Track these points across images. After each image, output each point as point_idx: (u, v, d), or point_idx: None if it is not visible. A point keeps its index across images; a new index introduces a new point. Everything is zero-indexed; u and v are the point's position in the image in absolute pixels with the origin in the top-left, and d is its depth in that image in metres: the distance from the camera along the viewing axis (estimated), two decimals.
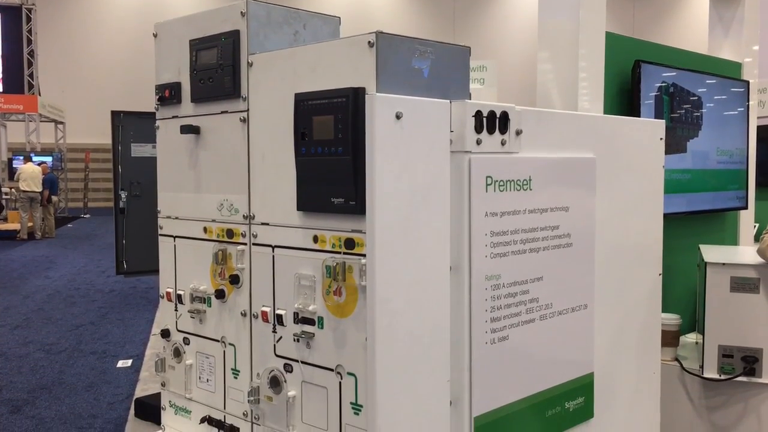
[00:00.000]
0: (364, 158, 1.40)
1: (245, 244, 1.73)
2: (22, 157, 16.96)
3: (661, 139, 2.16)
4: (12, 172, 17.58)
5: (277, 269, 1.66)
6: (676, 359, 2.62)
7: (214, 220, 1.81)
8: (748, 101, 3.20)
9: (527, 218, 1.69)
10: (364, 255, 1.45)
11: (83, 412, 5.25)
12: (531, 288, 1.72)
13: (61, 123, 21.60)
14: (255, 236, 1.71)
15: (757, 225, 3.53)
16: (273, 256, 1.66)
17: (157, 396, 2.02)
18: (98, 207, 22.29)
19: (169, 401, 1.97)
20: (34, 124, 19.82)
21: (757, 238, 3.35)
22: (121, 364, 6.50)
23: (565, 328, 1.83)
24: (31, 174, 15.81)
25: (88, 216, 21.17)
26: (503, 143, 1.62)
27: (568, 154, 1.81)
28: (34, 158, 17.58)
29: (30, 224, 16.05)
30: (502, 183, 1.62)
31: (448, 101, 1.52)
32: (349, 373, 1.51)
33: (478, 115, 1.55)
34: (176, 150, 1.91)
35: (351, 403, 1.51)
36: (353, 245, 1.49)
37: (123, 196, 5.48)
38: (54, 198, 17.17)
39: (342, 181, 1.47)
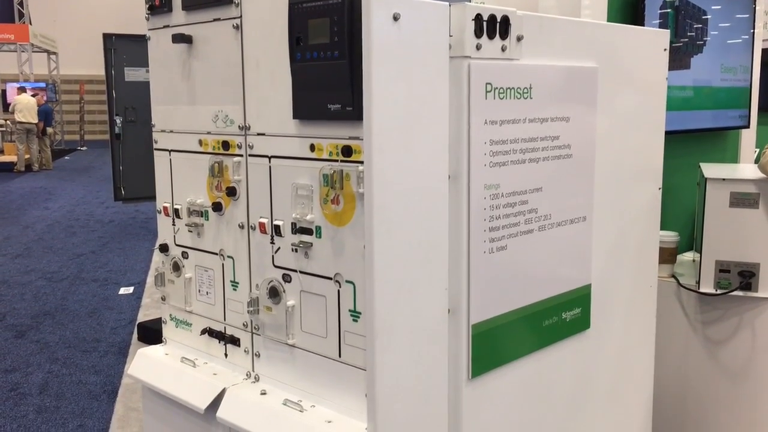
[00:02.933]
0: (361, 62, 1.36)
1: (241, 155, 1.71)
2: (16, 86, 16.68)
3: (665, 50, 2.11)
4: (6, 105, 17.38)
5: (274, 180, 1.64)
6: (673, 276, 2.63)
7: (209, 133, 1.78)
8: (755, 19, 3.13)
9: (527, 127, 1.67)
10: (361, 162, 1.43)
11: (87, 337, 5.34)
12: (530, 198, 1.71)
13: (54, 53, 21.23)
14: (251, 147, 1.68)
15: (758, 150, 3.49)
16: (270, 167, 1.65)
17: (160, 321, 2.03)
18: (95, 140, 22.15)
19: (170, 315, 1.99)
20: (26, 55, 19.48)
21: (758, 160, 3.33)
22: (122, 291, 6.57)
23: (564, 239, 1.83)
24: (27, 105, 15.63)
25: (84, 148, 21.06)
26: (503, 49, 1.58)
27: (569, 62, 1.77)
28: (29, 85, 17.32)
29: (27, 156, 15.96)
30: (502, 90, 1.59)
31: (447, 3, 1.47)
32: (348, 281, 1.52)
33: (478, 19, 1.50)
34: (169, 61, 1.86)
35: (350, 311, 1.52)
36: (350, 152, 1.47)
37: (118, 121, 5.44)
38: (49, 129, 17.03)
39: (338, 86, 1.44)
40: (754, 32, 3.13)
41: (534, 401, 1.81)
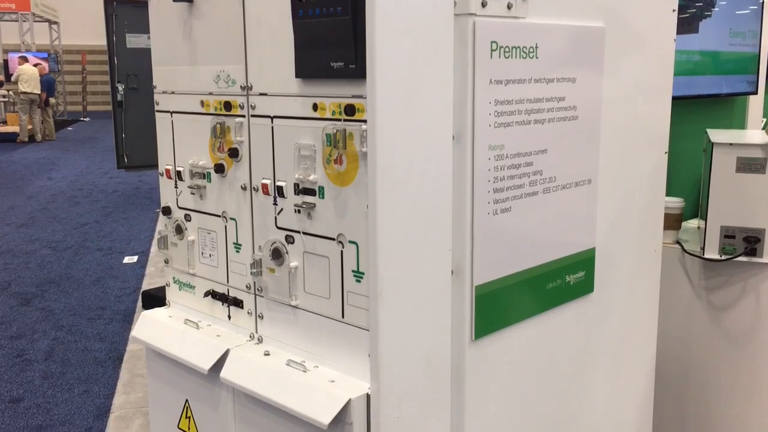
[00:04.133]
0: (364, 19, 1.34)
1: (243, 116, 1.69)
2: (17, 56, 16.57)
3: (673, 10, 2.07)
4: (8, 75, 17.29)
5: (276, 140, 1.63)
6: (677, 242, 2.62)
7: (211, 93, 1.76)
8: None
9: (532, 88, 1.65)
10: (364, 121, 1.42)
11: (92, 304, 5.37)
12: (535, 160, 1.69)
13: (56, 23, 21.08)
14: (253, 107, 1.67)
15: (766, 119, 3.46)
16: (272, 127, 1.63)
17: (164, 288, 2.03)
18: (97, 111, 22.09)
19: (173, 278, 1.99)
20: (27, 24, 19.35)
21: (765, 127, 3.30)
22: (127, 260, 6.60)
23: (568, 202, 1.81)
24: (31, 75, 15.56)
25: (87, 119, 21.02)
26: (509, 7, 1.55)
27: (576, 22, 1.74)
28: (31, 55, 17.21)
29: (30, 127, 15.93)
30: (507, 49, 1.57)
31: None
32: (351, 242, 1.51)
33: None
34: (169, 21, 1.84)
35: (353, 271, 1.52)
36: (353, 111, 1.46)
37: (120, 89, 5.42)
38: (52, 100, 16.98)
39: (341, 43, 1.42)
40: None
41: (537, 363, 1.81)
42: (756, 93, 3.17)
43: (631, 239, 2.08)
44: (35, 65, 15.98)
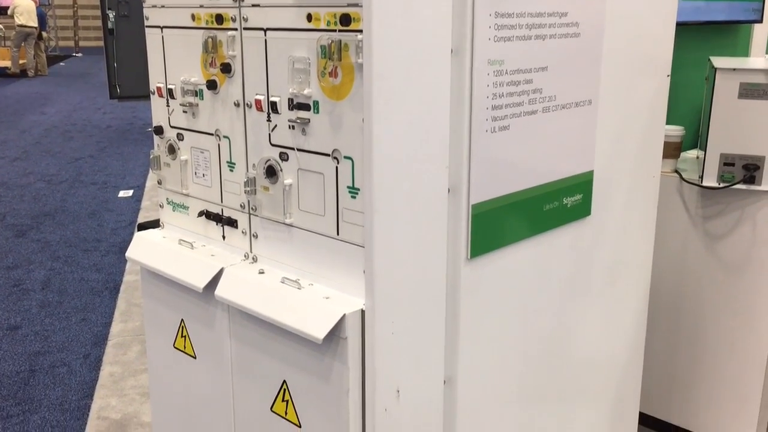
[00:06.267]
0: None
1: (236, 29, 1.64)
2: None
3: None
4: (2, 8, 16.89)
5: (269, 54, 1.58)
6: (676, 171, 2.60)
7: (201, 6, 1.71)
8: None
9: (534, 1, 1.60)
10: (360, 31, 1.37)
11: (87, 237, 5.37)
12: (535, 77, 1.66)
13: None
14: (246, 20, 1.61)
15: None
16: (265, 40, 1.58)
17: (160, 220, 2.01)
18: (89, 46, 21.70)
19: (167, 199, 1.97)
20: None
21: None
22: (122, 194, 6.58)
23: (568, 122, 1.78)
24: (27, 8, 15.22)
25: (80, 55, 20.67)
26: None
27: None
28: None
29: (22, 61, 15.67)
30: None
31: None
32: (346, 157, 1.48)
33: None
34: None
35: (348, 187, 1.49)
36: (349, 21, 1.41)
37: (111, 15, 5.29)
38: (44, 34, 16.66)
39: None
40: None
41: (532, 285, 1.81)
42: (761, 21, 3.10)
43: (630, 163, 2.05)
44: None
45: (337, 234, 1.54)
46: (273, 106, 1.59)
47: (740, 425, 2.62)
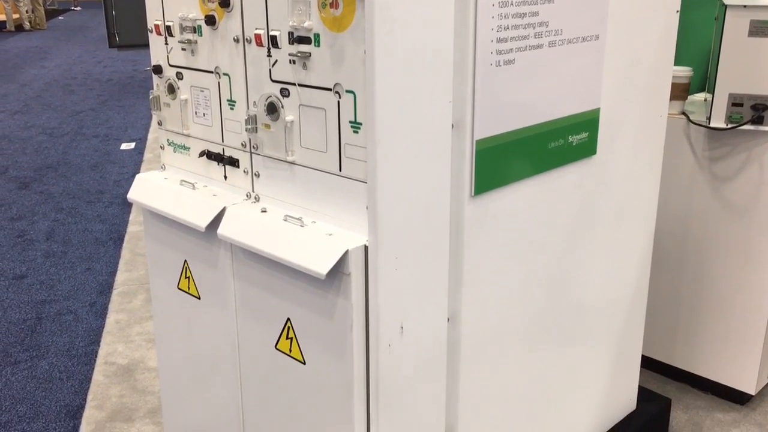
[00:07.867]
0: None
1: None
2: None
3: None
4: None
5: None
6: (683, 113, 2.57)
7: None
8: None
9: None
10: None
11: (90, 188, 5.36)
12: (541, 10, 1.61)
13: None
14: None
15: None
16: None
17: None
18: (89, 0, 21.37)
19: (167, 140, 1.95)
20: None
21: None
22: (124, 146, 6.55)
23: (574, 57, 1.75)
24: None
25: (78, 8, 20.40)
26: None
27: None
28: None
29: (16, 16, 15.46)
30: None
31: None
32: (348, 91, 1.45)
33: None
34: None
35: (350, 122, 1.47)
36: None
37: None
38: None
39: None
40: None
41: (536, 224, 1.80)
42: None
43: (637, 101, 2.02)
44: None
45: (340, 170, 1.52)
46: (273, 41, 1.56)
47: (743, 367, 2.63)
